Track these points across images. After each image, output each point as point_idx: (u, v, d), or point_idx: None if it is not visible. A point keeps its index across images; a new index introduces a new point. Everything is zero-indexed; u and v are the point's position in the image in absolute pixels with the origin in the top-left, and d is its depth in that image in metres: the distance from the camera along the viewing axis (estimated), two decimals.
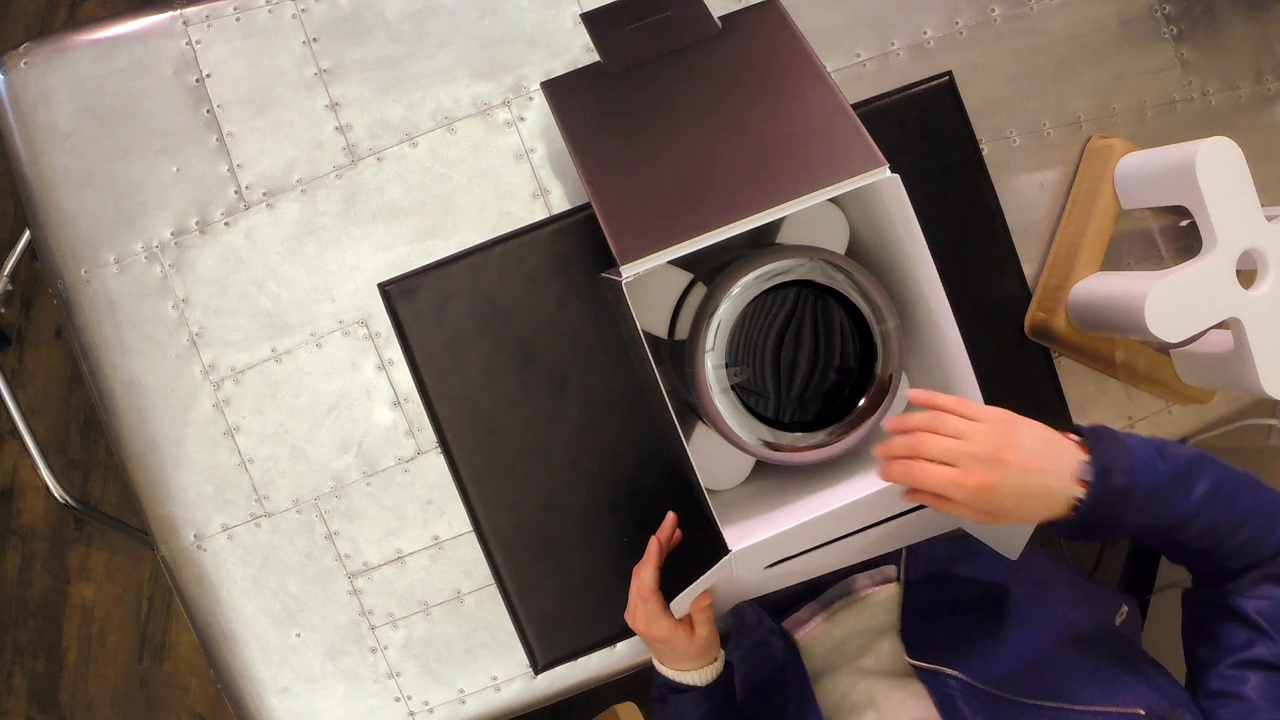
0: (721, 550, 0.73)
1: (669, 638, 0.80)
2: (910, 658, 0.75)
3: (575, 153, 0.81)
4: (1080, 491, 0.64)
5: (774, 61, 0.82)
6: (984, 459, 0.63)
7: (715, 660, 0.83)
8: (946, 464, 0.63)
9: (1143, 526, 0.66)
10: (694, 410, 0.87)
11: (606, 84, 0.85)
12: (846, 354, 0.81)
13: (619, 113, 0.83)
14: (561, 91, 0.86)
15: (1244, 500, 0.67)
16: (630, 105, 0.83)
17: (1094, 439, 0.66)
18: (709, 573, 0.75)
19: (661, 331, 0.89)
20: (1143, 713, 0.63)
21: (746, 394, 0.80)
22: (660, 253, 0.72)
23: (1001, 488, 0.63)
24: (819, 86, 0.79)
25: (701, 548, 0.87)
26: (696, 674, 0.82)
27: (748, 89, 0.81)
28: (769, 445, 0.78)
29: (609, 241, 0.74)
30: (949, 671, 0.71)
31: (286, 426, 0.98)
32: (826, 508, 0.71)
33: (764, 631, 0.88)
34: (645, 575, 0.81)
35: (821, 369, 0.81)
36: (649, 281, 0.85)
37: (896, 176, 0.71)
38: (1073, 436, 0.66)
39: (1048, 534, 0.70)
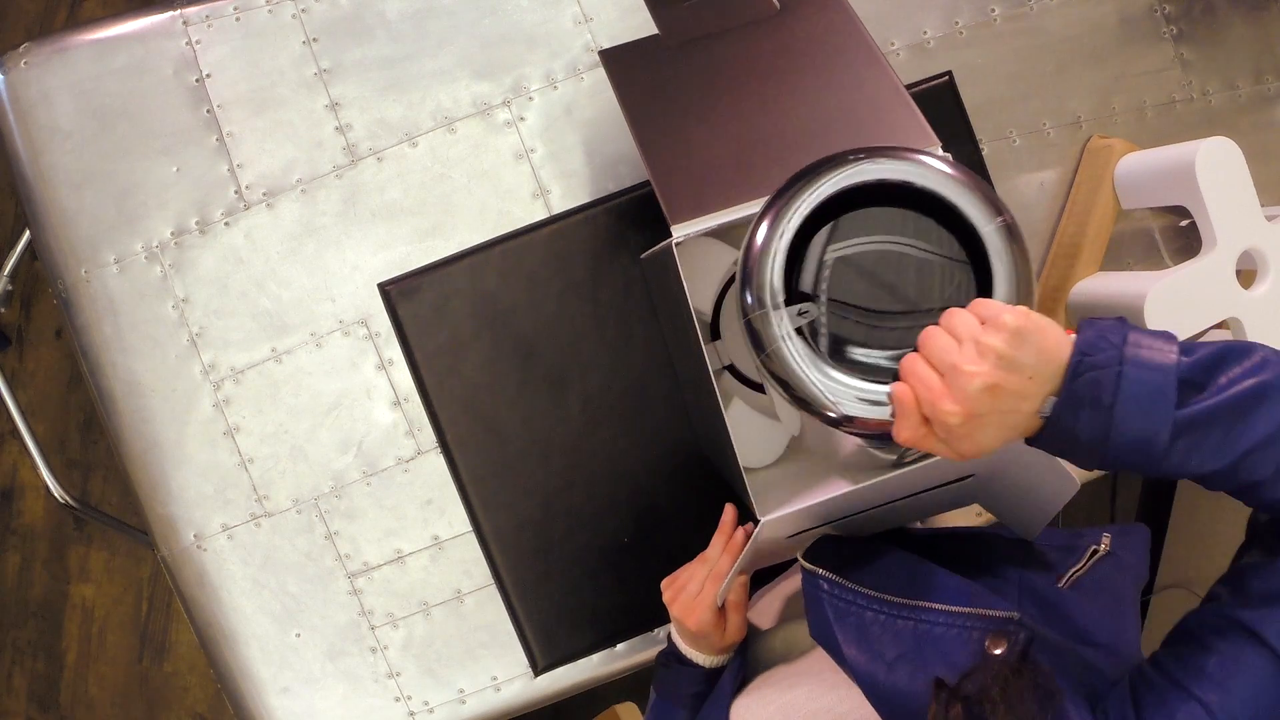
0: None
1: (706, 631, 0.78)
2: (802, 557, 0.71)
3: (630, 118, 0.80)
4: (1048, 404, 0.53)
5: (831, 43, 0.82)
6: (971, 391, 0.51)
7: (730, 654, 0.83)
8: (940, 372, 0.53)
9: (1148, 439, 0.52)
10: (748, 380, 0.81)
11: (663, 57, 0.84)
12: (953, 278, 0.63)
13: (675, 84, 0.82)
14: (619, 61, 0.85)
15: None
16: (686, 78, 0.83)
17: (1088, 325, 0.53)
18: (741, 556, 0.73)
19: (706, 312, 0.87)
20: (1017, 615, 0.56)
21: (836, 343, 0.63)
22: (712, 215, 0.72)
23: (983, 423, 0.52)
24: (875, 69, 0.78)
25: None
26: (707, 658, 0.81)
27: (803, 68, 0.81)
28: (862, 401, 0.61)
29: (661, 203, 0.73)
30: (820, 572, 0.67)
31: (286, 426, 0.98)
32: (862, 483, 0.68)
33: None
34: (724, 563, 0.78)
35: (929, 294, 0.63)
36: (698, 256, 0.82)
37: (948, 156, 0.67)
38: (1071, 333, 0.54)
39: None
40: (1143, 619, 1.06)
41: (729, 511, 0.83)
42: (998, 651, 0.55)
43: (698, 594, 0.78)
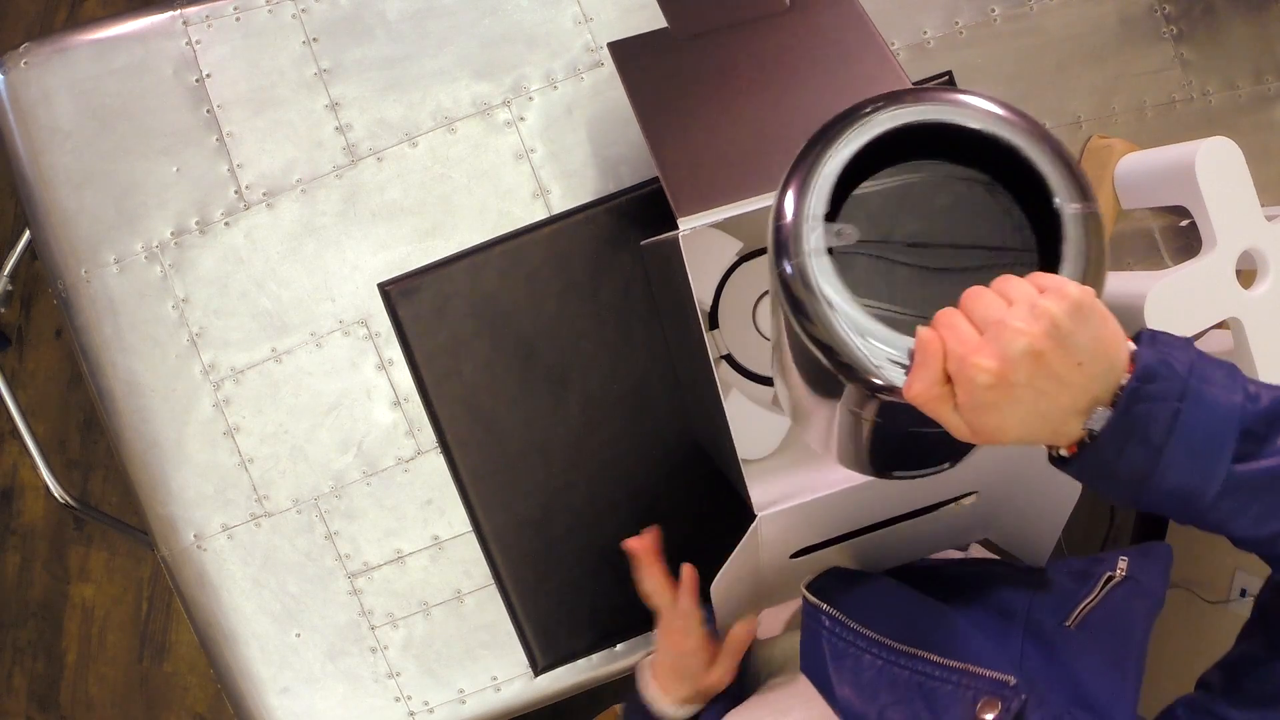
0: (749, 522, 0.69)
1: (694, 651, 0.76)
2: (806, 589, 0.68)
3: (638, 111, 0.81)
4: (1098, 416, 0.46)
5: (841, 42, 0.82)
6: (1013, 350, 0.44)
7: (699, 706, 0.78)
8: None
9: (1194, 491, 0.46)
10: (746, 370, 0.80)
11: (673, 50, 0.85)
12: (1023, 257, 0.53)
13: (683, 77, 0.83)
14: (627, 53, 0.86)
15: None
16: (695, 71, 0.83)
17: (1150, 341, 0.47)
18: (739, 548, 0.71)
19: (705, 302, 0.88)
20: (1013, 681, 0.55)
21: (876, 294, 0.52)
22: (719, 209, 0.72)
23: (1014, 396, 0.44)
24: (883, 67, 0.79)
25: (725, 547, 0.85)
26: (676, 709, 0.77)
27: (812, 65, 0.81)
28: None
29: (668, 195, 0.74)
30: (824, 608, 0.65)
31: (286, 426, 0.98)
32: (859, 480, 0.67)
33: None
34: (686, 602, 0.77)
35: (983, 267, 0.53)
36: (699, 245, 0.83)
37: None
38: (1130, 343, 0.47)
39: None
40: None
41: (686, 574, 0.79)
42: (988, 717, 0.54)
43: (681, 621, 0.77)
